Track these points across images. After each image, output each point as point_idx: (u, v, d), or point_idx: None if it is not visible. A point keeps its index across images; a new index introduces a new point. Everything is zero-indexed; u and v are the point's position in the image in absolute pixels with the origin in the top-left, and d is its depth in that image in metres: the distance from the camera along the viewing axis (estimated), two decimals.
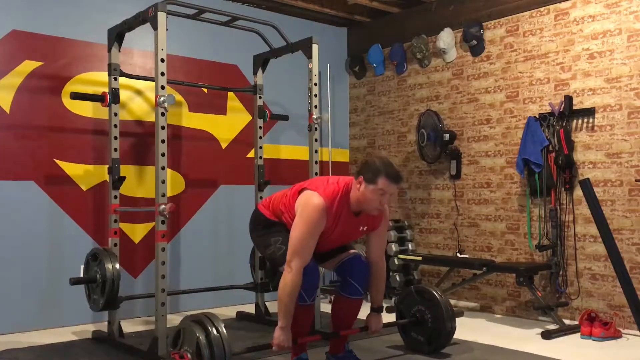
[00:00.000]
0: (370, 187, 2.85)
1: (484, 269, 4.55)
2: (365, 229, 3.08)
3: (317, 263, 3.08)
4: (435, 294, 3.55)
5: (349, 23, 6.06)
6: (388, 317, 4.59)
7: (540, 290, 4.48)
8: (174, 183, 4.87)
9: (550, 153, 4.45)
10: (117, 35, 3.84)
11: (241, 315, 4.62)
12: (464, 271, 4.97)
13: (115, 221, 3.86)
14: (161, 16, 3.39)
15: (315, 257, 3.03)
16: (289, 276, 2.83)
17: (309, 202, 2.88)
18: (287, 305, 2.83)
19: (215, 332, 2.75)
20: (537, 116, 4.55)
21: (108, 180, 3.96)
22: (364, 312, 3.32)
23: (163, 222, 3.39)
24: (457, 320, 4.56)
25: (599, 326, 3.90)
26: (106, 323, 3.91)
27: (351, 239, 3.19)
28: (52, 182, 4.31)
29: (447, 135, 5.09)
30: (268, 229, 3.17)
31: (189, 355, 2.76)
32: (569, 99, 4.39)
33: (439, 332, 3.50)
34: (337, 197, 2.91)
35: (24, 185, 4.20)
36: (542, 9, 4.62)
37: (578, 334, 3.98)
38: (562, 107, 4.41)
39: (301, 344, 3.08)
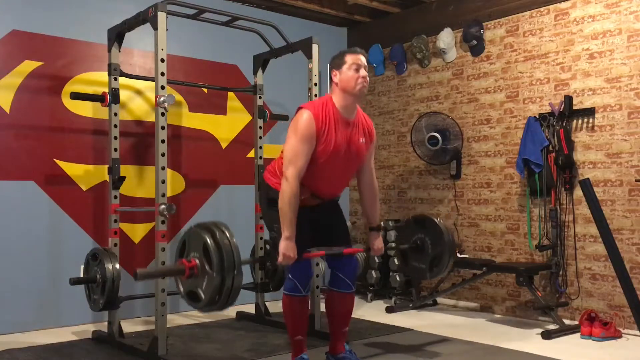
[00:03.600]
0: (344, 68, 3.03)
1: (484, 269, 4.55)
2: (363, 140, 3.13)
3: (313, 245, 3.11)
4: (435, 221, 3.55)
5: (349, 23, 6.06)
6: (389, 318, 4.60)
7: (540, 290, 4.48)
8: (174, 183, 4.87)
9: (550, 153, 4.45)
10: (117, 35, 3.85)
11: (241, 315, 4.62)
12: (464, 271, 4.97)
13: (115, 221, 3.86)
14: (161, 16, 3.39)
15: (314, 237, 3.07)
16: (286, 185, 2.90)
17: (296, 118, 2.99)
18: (288, 215, 2.88)
19: (222, 236, 2.62)
20: (537, 116, 4.55)
21: (108, 180, 3.96)
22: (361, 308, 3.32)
23: (163, 222, 3.39)
24: (457, 319, 4.59)
25: (599, 326, 3.90)
26: (106, 323, 3.91)
27: (357, 158, 3.15)
28: (52, 182, 4.31)
29: (447, 133, 5.08)
30: (270, 210, 3.15)
31: (196, 260, 2.67)
32: (569, 99, 4.39)
33: (441, 256, 3.49)
34: (321, 105, 3.01)
35: (24, 185, 4.20)
36: (542, 9, 4.62)
37: (578, 334, 3.98)
38: (562, 107, 4.41)
39: (301, 344, 3.09)
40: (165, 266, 2.95)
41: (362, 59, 3.04)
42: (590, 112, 4.31)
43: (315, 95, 4.00)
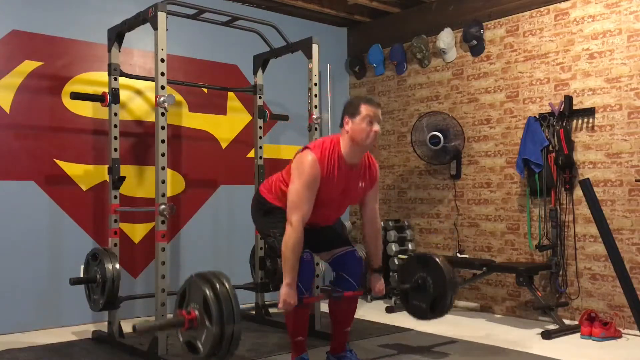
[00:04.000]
0: (357, 119, 2.97)
1: (484, 269, 4.55)
2: (363, 185, 3.12)
3: (313, 252, 3.11)
4: (437, 260, 3.50)
5: (349, 23, 6.06)
6: (389, 318, 4.60)
7: (540, 290, 4.48)
8: (174, 183, 4.87)
9: (550, 153, 4.45)
10: (117, 35, 3.85)
11: (241, 315, 4.61)
12: (464, 271, 4.97)
13: (115, 221, 3.86)
14: (161, 16, 3.39)
15: (312, 246, 3.06)
16: (291, 231, 2.88)
17: (301, 159, 2.97)
18: (291, 261, 2.87)
19: (222, 289, 2.62)
20: (537, 116, 4.55)
21: (108, 180, 3.96)
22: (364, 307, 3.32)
23: (163, 222, 3.39)
24: (457, 319, 4.59)
25: (599, 326, 3.90)
26: (106, 323, 3.91)
27: (354, 198, 3.18)
28: (52, 182, 4.31)
29: (448, 133, 5.07)
30: (267, 217, 3.18)
31: (196, 312, 2.67)
32: (569, 99, 4.39)
33: (442, 297, 3.43)
34: (327, 149, 2.99)
35: (24, 185, 4.20)
36: (542, 9, 4.62)
37: (578, 334, 3.98)
38: (562, 107, 4.41)
39: (302, 345, 3.08)
40: (164, 319, 2.98)
41: (378, 113, 3.02)
42: (590, 112, 4.31)
43: (315, 96, 4.00)
